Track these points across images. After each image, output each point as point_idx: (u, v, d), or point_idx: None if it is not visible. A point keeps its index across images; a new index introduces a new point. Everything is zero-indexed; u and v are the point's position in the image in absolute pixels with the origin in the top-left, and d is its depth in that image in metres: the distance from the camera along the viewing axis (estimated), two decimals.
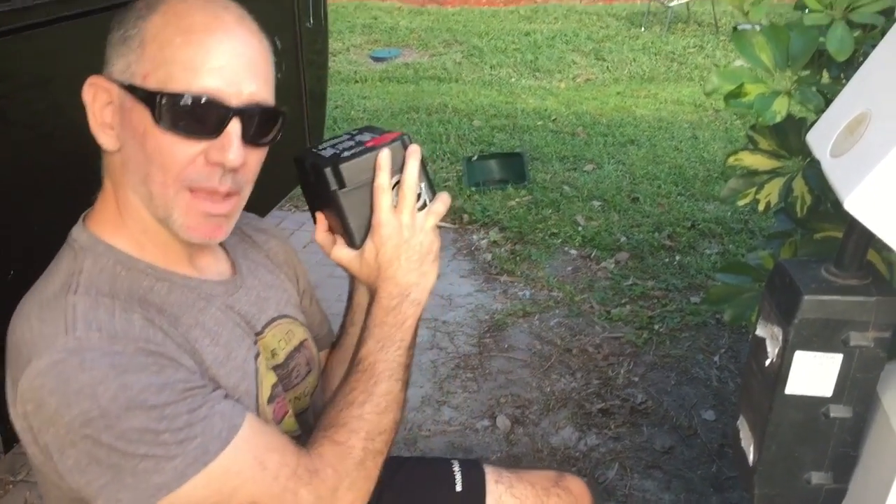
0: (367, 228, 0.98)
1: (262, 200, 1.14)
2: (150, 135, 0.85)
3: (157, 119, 0.84)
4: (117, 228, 0.93)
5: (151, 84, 0.85)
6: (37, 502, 2.17)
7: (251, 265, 1.11)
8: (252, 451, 0.86)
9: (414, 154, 0.98)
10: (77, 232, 0.93)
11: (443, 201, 1.01)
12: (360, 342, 1.00)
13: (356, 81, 7.35)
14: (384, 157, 0.96)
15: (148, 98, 0.85)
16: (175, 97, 0.84)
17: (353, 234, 0.99)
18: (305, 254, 3.31)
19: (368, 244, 0.98)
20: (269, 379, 1.02)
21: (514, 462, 2.33)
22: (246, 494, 0.86)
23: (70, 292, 0.85)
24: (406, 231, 0.97)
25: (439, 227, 1.02)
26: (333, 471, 0.91)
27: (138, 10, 0.88)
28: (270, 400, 1.01)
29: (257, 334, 1.04)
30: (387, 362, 0.97)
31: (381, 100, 6.41)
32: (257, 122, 0.89)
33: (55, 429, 0.79)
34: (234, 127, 0.86)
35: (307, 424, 1.11)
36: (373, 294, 1.00)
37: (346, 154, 0.96)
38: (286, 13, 2.68)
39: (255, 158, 0.93)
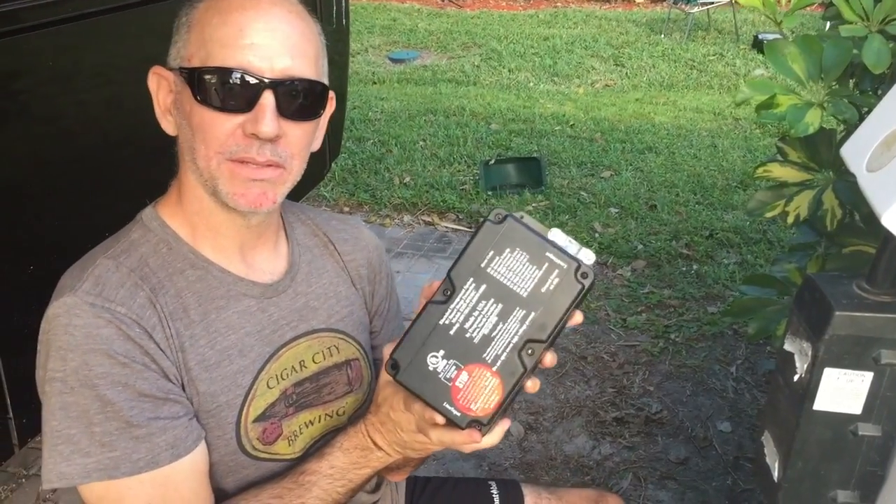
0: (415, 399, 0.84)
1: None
2: (194, 111, 0.90)
3: (196, 95, 0.89)
4: (175, 210, 0.98)
5: (195, 64, 0.90)
6: (49, 496, 2.18)
7: (312, 272, 1.08)
8: (149, 495, 0.87)
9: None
10: (145, 210, 1.00)
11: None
12: (317, 454, 0.96)
13: (374, 83, 7.36)
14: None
15: (190, 77, 0.89)
16: (210, 73, 0.88)
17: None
18: None
19: (397, 399, 0.87)
20: (265, 397, 0.98)
21: (527, 469, 2.32)
22: None
23: (102, 254, 0.92)
24: (420, 438, 0.87)
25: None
26: None
27: (192, 1, 0.93)
28: (260, 419, 0.98)
29: (285, 344, 1.01)
30: (325, 490, 0.94)
31: (398, 101, 6.41)
32: (294, 96, 0.91)
33: (41, 371, 0.87)
34: (268, 99, 0.88)
35: None
36: (362, 416, 0.94)
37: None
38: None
39: (298, 132, 0.93)
